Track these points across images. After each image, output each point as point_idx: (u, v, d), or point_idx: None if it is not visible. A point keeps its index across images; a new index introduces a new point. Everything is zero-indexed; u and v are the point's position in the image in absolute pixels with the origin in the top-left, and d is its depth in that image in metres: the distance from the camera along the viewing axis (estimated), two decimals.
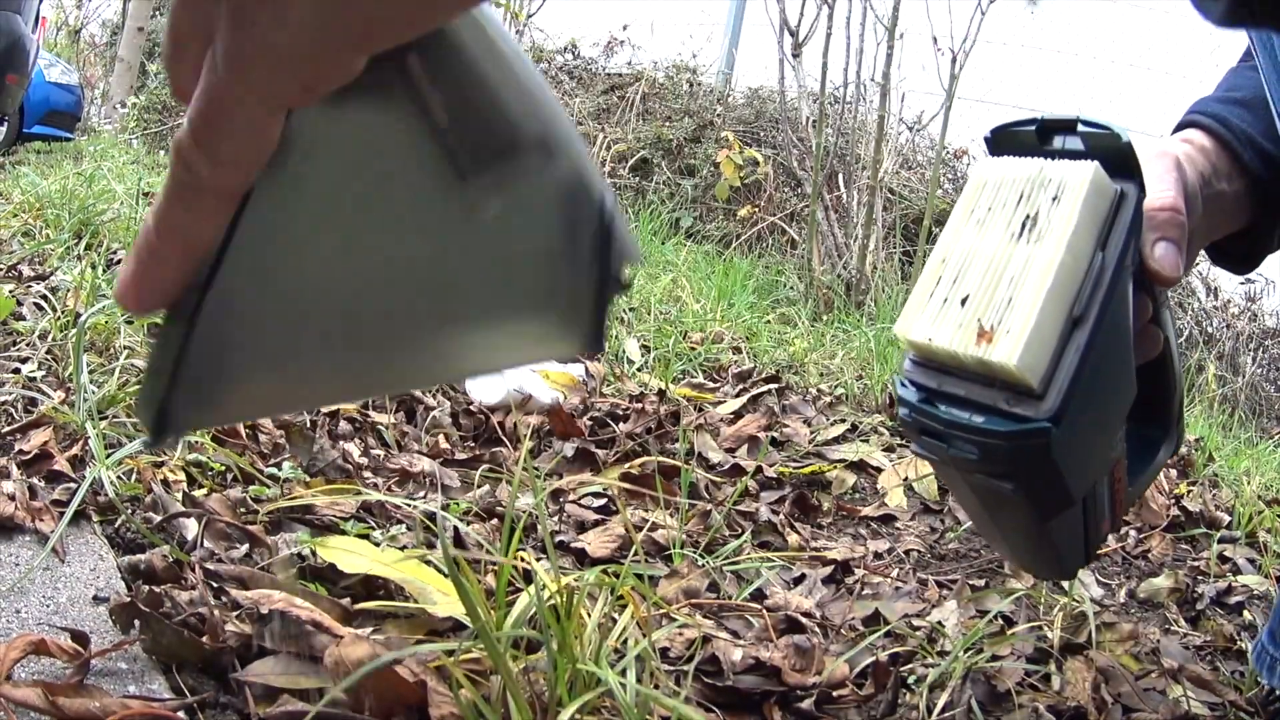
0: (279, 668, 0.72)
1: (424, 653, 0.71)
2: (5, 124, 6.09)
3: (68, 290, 1.59)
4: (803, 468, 1.50)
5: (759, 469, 1.43)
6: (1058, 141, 0.68)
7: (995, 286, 0.62)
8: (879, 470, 1.55)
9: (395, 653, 0.69)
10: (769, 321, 2.83)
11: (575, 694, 0.68)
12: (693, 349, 2.16)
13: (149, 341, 1.46)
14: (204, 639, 0.72)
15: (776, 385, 1.93)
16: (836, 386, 2.07)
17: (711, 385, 1.95)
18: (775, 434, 1.64)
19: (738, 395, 1.85)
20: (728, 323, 2.56)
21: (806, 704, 0.83)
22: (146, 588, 0.77)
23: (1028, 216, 0.63)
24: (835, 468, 1.52)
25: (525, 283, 0.40)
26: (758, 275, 3.78)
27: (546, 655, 0.70)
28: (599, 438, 1.47)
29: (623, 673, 0.69)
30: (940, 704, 0.84)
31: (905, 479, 1.50)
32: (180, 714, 0.65)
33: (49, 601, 0.78)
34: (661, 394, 1.67)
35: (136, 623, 0.73)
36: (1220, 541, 1.43)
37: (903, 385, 0.68)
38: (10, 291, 1.54)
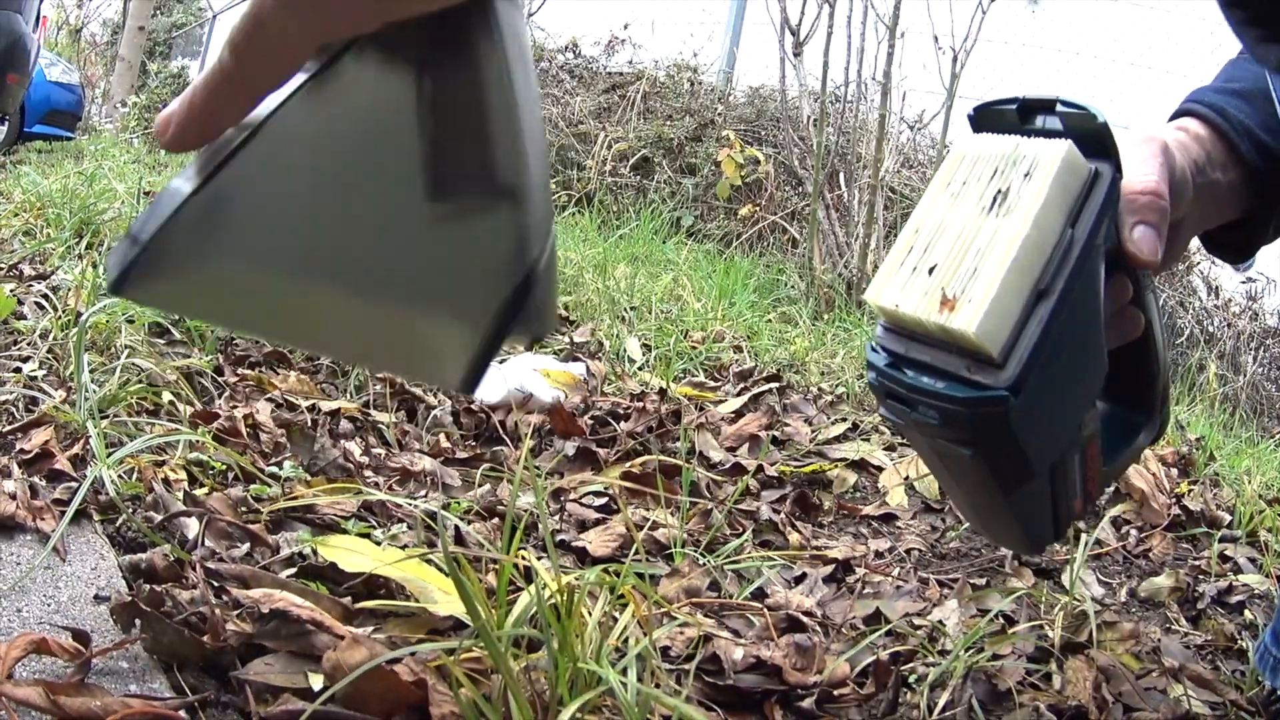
0: (280, 667, 0.72)
1: (424, 652, 0.71)
2: (6, 123, 6.09)
3: (69, 289, 1.59)
4: (804, 466, 1.50)
5: (760, 468, 1.43)
6: (1038, 121, 0.68)
7: (962, 257, 0.63)
8: (880, 469, 1.55)
9: (394, 653, 0.69)
10: (770, 320, 2.83)
11: (576, 693, 0.68)
12: (694, 348, 2.16)
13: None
14: (205, 638, 0.72)
15: (777, 384, 1.93)
16: (837, 385, 2.07)
17: (712, 384, 1.95)
18: (776, 433, 1.63)
19: (739, 394, 1.85)
20: (729, 321, 2.56)
21: (807, 703, 0.83)
22: (147, 587, 0.77)
23: (999, 191, 0.64)
24: (836, 466, 1.52)
25: (444, 296, 0.44)
26: (759, 274, 3.78)
27: (547, 654, 0.70)
28: (600, 437, 1.47)
29: (624, 672, 0.69)
30: (941, 703, 0.84)
31: (906, 478, 1.50)
32: (181, 713, 0.65)
33: (50, 600, 0.78)
34: (662, 393, 1.67)
35: (137, 622, 0.73)
36: (1221, 541, 1.43)
37: (872, 350, 0.69)
38: (11, 291, 1.54)
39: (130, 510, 0.94)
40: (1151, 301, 0.73)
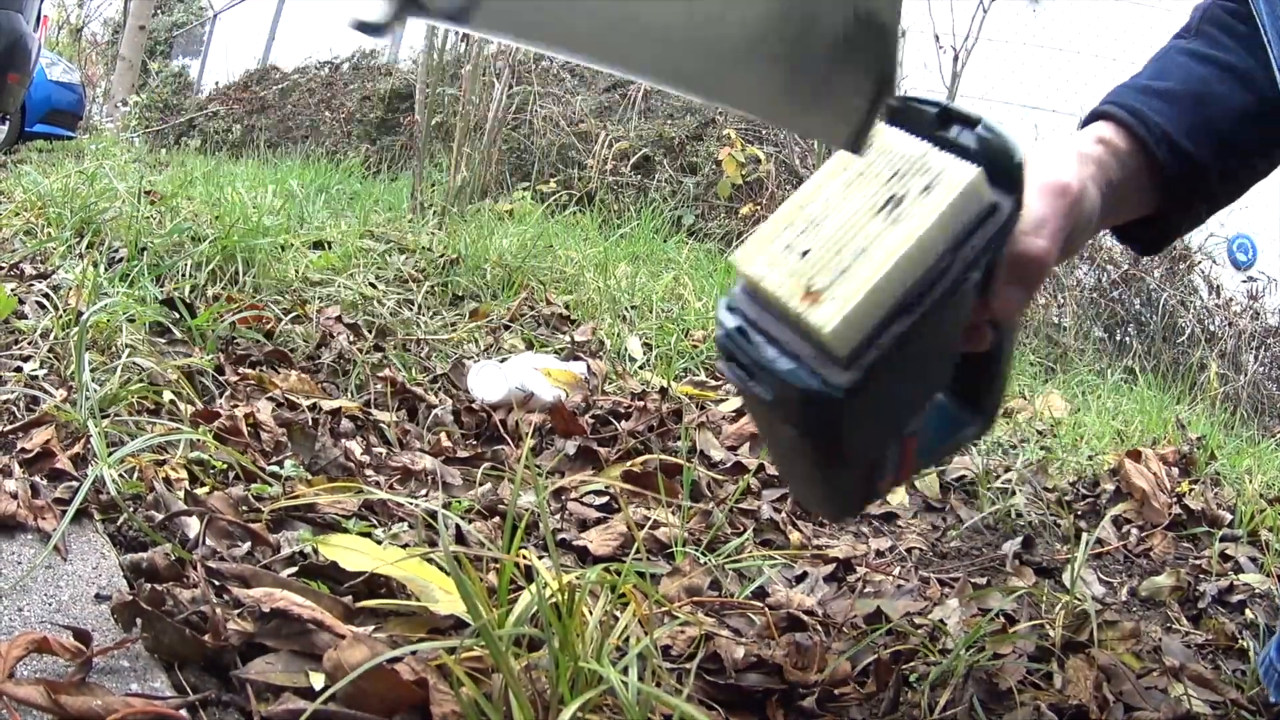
0: (281, 666, 0.72)
1: (425, 651, 0.71)
2: (7, 123, 6.09)
3: (69, 289, 1.59)
4: None
5: (761, 466, 1.43)
6: (953, 131, 0.66)
7: (838, 251, 0.62)
8: None
9: (395, 652, 0.69)
10: None
11: (577, 692, 0.68)
12: (695, 347, 2.16)
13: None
14: (206, 637, 0.72)
15: None
16: None
17: (713, 383, 1.94)
18: None
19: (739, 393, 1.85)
20: None
21: (808, 702, 0.83)
22: (148, 586, 0.77)
23: (894, 196, 0.63)
24: None
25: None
26: None
27: (548, 653, 0.70)
28: (601, 436, 1.47)
29: (625, 671, 0.69)
30: (942, 702, 0.84)
31: None
32: (182, 712, 0.65)
33: (51, 600, 0.78)
34: (663, 392, 1.67)
35: (138, 621, 0.73)
36: (1222, 540, 1.43)
37: (726, 308, 0.68)
38: (12, 290, 1.54)
39: (131, 509, 0.94)
40: (1011, 324, 0.74)
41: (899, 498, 1.45)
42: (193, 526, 0.92)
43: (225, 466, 1.09)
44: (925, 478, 1.50)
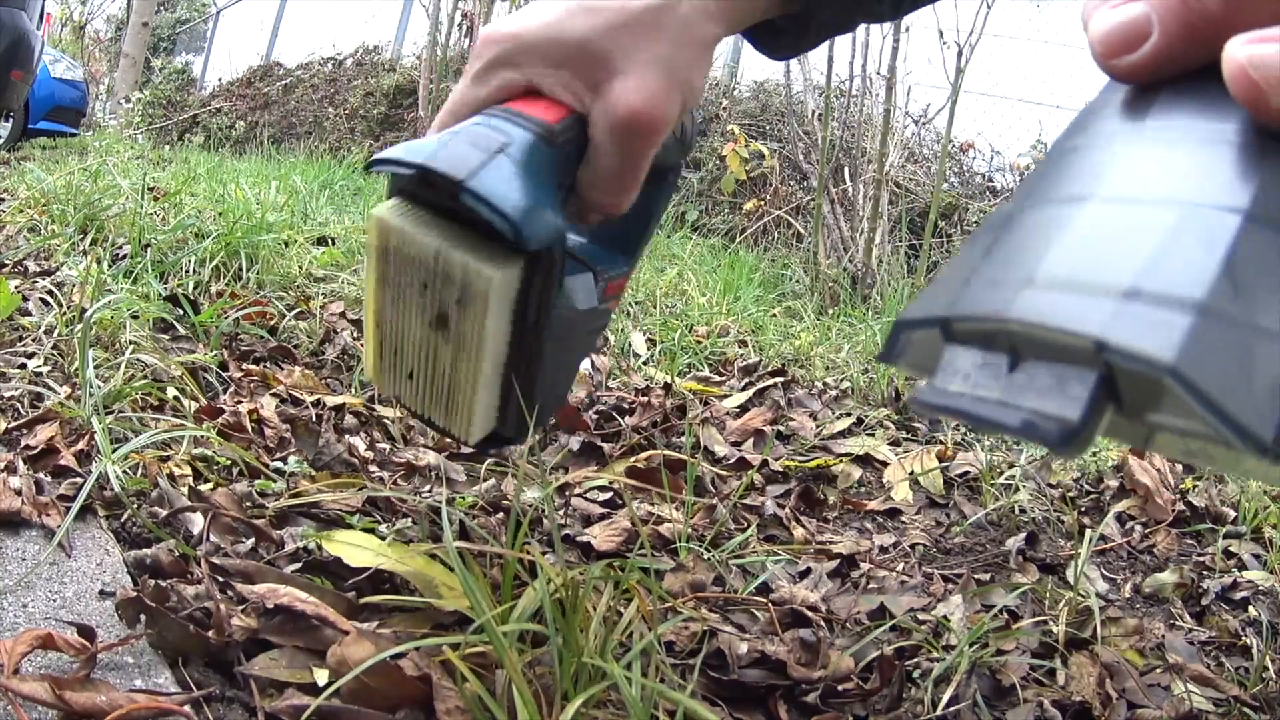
0: (284, 662, 0.72)
1: (429, 647, 0.71)
2: (10, 120, 6.10)
3: (73, 285, 1.59)
4: (808, 461, 1.50)
5: (765, 463, 1.43)
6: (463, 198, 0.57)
7: (432, 378, 0.66)
8: (885, 464, 1.55)
9: (399, 647, 0.69)
10: (775, 315, 2.83)
11: (581, 688, 0.68)
12: (698, 343, 2.15)
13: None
14: (210, 633, 0.72)
15: (782, 379, 1.92)
16: (842, 380, 2.07)
17: (717, 379, 1.94)
18: (781, 428, 1.63)
19: (744, 389, 1.85)
20: (733, 316, 2.55)
21: (811, 698, 0.83)
22: (152, 582, 0.77)
23: (439, 314, 0.62)
24: (841, 461, 1.51)
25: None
26: (763, 269, 3.78)
27: (552, 649, 0.70)
28: (605, 431, 1.47)
29: (628, 667, 0.69)
30: (945, 698, 0.84)
31: (911, 473, 1.50)
32: (186, 708, 0.65)
33: (55, 596, 0.78)
34: (667, 388, 1.67)
35: (143, 617, 0.73)
36: (1226, 537, 1.43)
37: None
38: (16, 287, 1.54)
39: (135, 506, 0.94)
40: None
41: (903, 494, 1.45)
42: (196, 523, 0.92)
43: (229, 463, 1.09)
44: (929, 474, 1.50)
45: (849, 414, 1.79)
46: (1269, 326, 0.29)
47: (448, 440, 0.72)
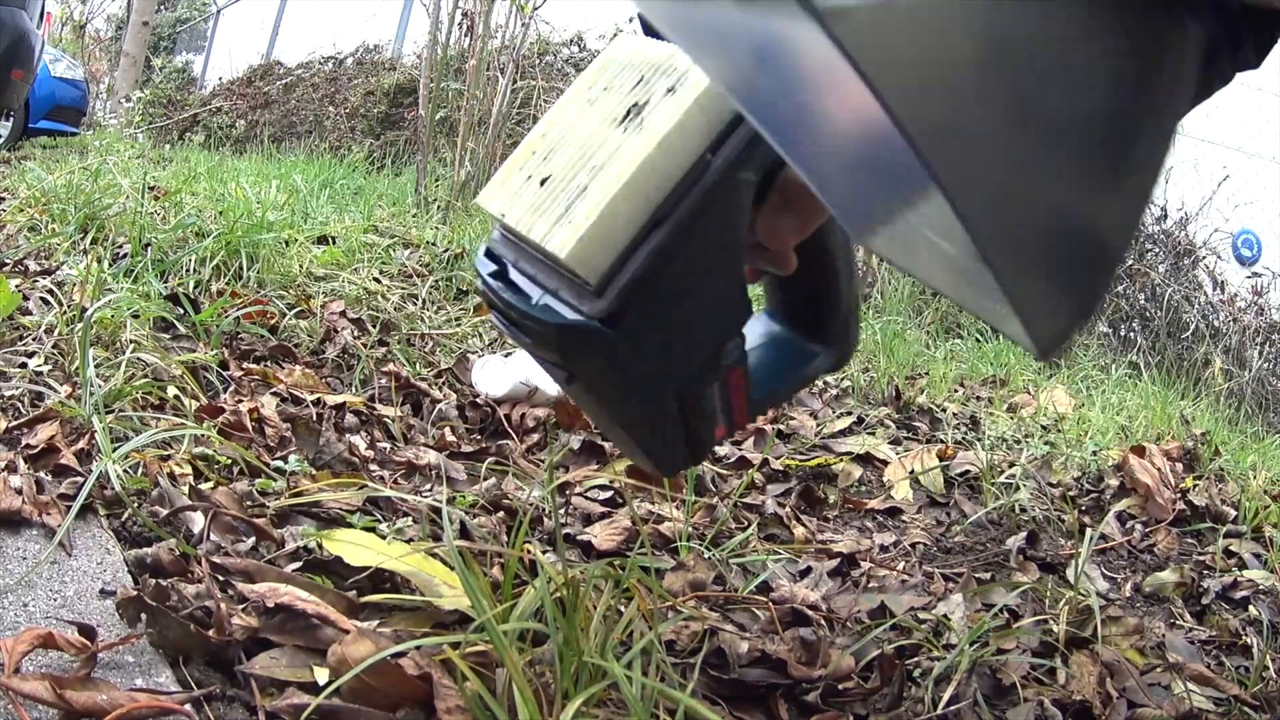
0: (285, 661, 0.72)
1: (429, 646, 0.71)
2: (11, 119, 6.10)
3: (74, 285, 1.59)
4: (809, 460, 1.50)
5: (765, 461, 1.43)
6: None
7: (577, 172, 0.56)
8: (885, 463, 1.55)
9: (399, 646, 0.69)
10: None
11: (581, 687, 0.68)
12: None
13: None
14: (210, 632, 0.72)
15: None
16: (843, 379, 2.07)
17: None
18: (781, 426, 1.63)
19: None
20: None
21: (812, 697, 0.83)
22: (153, 581, 0.77)
23: (636, 104, 0.56)
24: (841, 460, 1.51)
25: None
26: None
27: (553, 648, 0.70)
28: None
29: (629, 665, 0.69)
30: (945, 697, 0.84)
31: (911, 472, 1.50)
32: (186, 707, 0.65)
33: (56, 595, 0.78)
34: None
35: (143, 616, 0.73)
36: (1226, 536, 1.43)
37: (484, 255, 0.63)
38: (17, 286, 1.54)
39: (136, 505, 0.94)
40: (837, 237, 0.67)
41: (903, 493, 1.45)
42: (197, 522, 0.92)
43: (229, 462, 1.09)
44: (930, 473, 1.50)
45: (849, 413, 1.80)
46: None
47: (487, 307, 0.57)
